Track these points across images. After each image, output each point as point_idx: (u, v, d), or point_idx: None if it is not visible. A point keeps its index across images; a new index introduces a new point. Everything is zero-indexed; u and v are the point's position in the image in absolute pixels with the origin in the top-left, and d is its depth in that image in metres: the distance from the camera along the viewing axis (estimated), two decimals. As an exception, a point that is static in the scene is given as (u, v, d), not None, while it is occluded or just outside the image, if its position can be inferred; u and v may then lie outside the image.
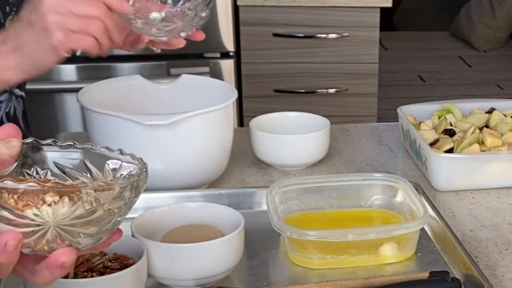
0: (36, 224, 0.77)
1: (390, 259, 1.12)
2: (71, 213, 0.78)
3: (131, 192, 0.82)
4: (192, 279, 1.05)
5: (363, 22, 2.68)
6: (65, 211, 0.77)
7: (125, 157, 0.88)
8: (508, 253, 1.17)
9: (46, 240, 0.78)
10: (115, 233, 0.85)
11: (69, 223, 0.78)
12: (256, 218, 1.22)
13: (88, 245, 0.82)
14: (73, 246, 0.80)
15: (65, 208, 0.77)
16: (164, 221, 1.12)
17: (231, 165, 1.39)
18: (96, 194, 0.79)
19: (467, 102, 1.55)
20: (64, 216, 0.77)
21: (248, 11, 2.67)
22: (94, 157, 0.89)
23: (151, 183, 1.27)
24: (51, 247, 0.79)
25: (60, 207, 0.77)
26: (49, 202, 0.77)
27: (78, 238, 0.80)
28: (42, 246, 0.79)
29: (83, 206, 0.78)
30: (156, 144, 1.25)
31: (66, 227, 0.78)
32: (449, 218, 1.25)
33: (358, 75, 2.70)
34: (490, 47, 4.67)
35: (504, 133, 1.42)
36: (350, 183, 1.23)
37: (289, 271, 1.12)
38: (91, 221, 0.79)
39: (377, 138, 1.58)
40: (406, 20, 5.35)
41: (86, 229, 0.80)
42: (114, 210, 0.81)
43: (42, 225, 0.77)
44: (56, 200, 0.77)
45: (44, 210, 0.76)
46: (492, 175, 1.36)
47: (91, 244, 0.82)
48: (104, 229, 0.82)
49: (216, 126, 1.30)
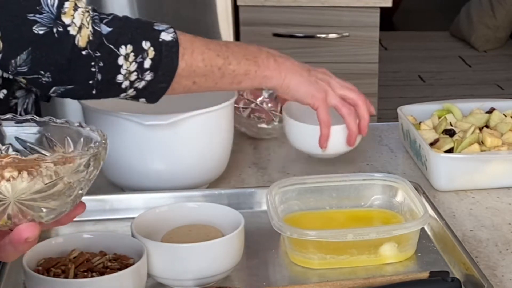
0: None
1: (390, 259, 1.12)
2: (31, 188, 0.77)
3: (91, 165, 0.81)
4: (192, 279, 1.05)
5: (363, 22, 2.68)
6: (24, 186, 0.77)
7: (85, 130, 0.88)
8: (508, 253, 1.17)
9: (8, 215, 0.78)
10: (78, 206, 0.85)
11: (30, 197, 0.78)
12: (256, 218, 1.22)
13: (51, 219, 0.81)
14: (35, 220, 0.80)
15: (24, 183, 0.77)
16: (164, 221, 1.12)
17: (231, 165, 1.39)
18: (56, 167, 0.78)
19: (467, 102, 1.55)
20: (23, 191, 0.77)
21: (248, 11, 2.67)
22: (54, 130, 0.89)
23: (151, 183, 1.28)
24: (14, 222, 0.79)
25: (19, 182, 0.77)
26: (8, 178, 0.76)
27: (39, 212, 0.79)
28: (4, 221, 0.79)
29: (42, 180, 0.77)
30: (156, 144, 1.25)
31: (27, 201, 0.78)
32: (449, 218, 1.25)
33: (358, 75, 2.69)
34: (490, 47, 4.67)
35: (504, 133, 1.42)
36: (350, 183, 1.23)
37: (289, 271, 1.12)
38: (52, 195, 0.79)
39: (377, 138, 1.58)
40: (406, 20, 5.35)
41: (47, 203, 0.79)
42: (74, 183, 0.80)
43: (2, 201, 0.77)
44: (14, 176, 0.76)
45: (3, 185, 0.76)
46: (492, 175, 1.36)
47: (53, 218, 0.81)
48: (66, 203, 0.81)
49: (216, 126, 1.30)
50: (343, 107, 1.33)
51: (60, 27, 1.07)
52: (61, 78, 1.10)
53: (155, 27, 1.15)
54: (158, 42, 1.14)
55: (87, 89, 1.12)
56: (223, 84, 1.23)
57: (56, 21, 1.07)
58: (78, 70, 1.09)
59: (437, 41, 4.80)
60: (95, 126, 1.28)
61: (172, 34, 1.16)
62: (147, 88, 1.15)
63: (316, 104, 1.30)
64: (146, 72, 1.14)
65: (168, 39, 1.15)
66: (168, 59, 1.15)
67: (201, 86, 1.21)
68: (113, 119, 1.25)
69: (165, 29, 1.16)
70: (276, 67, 1.27)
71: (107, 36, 1.10)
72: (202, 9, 2.69)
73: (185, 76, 1.18)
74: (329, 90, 1.32)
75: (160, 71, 1.15)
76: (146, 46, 1.13)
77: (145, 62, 1.13)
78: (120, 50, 1.11)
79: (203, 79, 1.20)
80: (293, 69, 1.29)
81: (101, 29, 1.10)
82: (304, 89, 1.29)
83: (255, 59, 1.25)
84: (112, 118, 1.25)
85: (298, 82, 1.29)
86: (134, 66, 1.12)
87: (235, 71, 1.22)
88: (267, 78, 1.26)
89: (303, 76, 1.29)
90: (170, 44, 1.15)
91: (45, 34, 1.06)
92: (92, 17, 1.10)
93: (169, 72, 1.16)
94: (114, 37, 1.11)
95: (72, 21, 1.08)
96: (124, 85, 1.13)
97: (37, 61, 1.08)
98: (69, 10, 1.08)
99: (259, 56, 1.26)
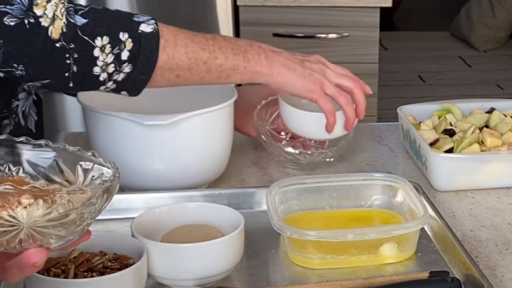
0: (11, 225, 0.77)
1: (390, 259, 1.12)
2: (45, 216, 0.78)
3: (103, 197, 0.83)
4: (192, 279, 1.05)
5: (363, 22, 2.68)
6: (39, 214, 0.78)
7: (97, 159, 0.89)
8: (508, 253, 1.17)
9: (19, 239, 0.79)
10: (84, 234, 0.86)
11: (43, 225, 0.79)
12: (256, 218, 1.22)
13: (58, 246, 0.83)
14: (44, 246, 0.81)
15: (40, 210, 0.78)
16: (164, 221, 1.12)
17: (231, 165, 1.39)
18: (70, 197, 0.79)
19: (467, 102, 1.55)
20: (38, 218, 0.78)
21: (248, 11, 2.67)
22: (67, 157, 0.90)
23: (151, 183, 1.28)
24: (23, 246, 0.80)
25: (34, 209, 0.78)
26: (25, 205, 0.78)
27: (49, 239, 0.81)
28: (15, 245, 0.80)
29: (57, 209, 0.79)
30: (156, 144, 1.25)
31: (39, 228, 0.79)
32: (449, 218, 1.25)
33: (358, 75, 2.66)
34: (490, 47, 4.67)
35: (504, 133, 1.42)
36: (350, 183, 1.23)
37: (289, 271, 1.12)
38: (64, 223, 0.81)
39: (377, 138, 1.58)
40: (406, 20, 5.35)
41: (58, 231, 0.81)
42: (86, 214, 0.82)
43: (16, 226, 0.78)
44: (31, 203, 0.78)
45: (19, 212, 0.78)
46: (492, 175, 1.36)
47: (61, 245, 0.83)
48: (75, 231, 0.83)
49: (216, 126, 1.30)
50: (340, 96, 1.31)
51: (31, 18, 1.05)
52: (35, 71, 1.08)
53: (134, 18, 1.14)
54: (137, 34, 1.12)
55: (64, 82, 1.10)
56: (210, 79, 1.21)
57: (27, 12, 1.05)
58: (53, 62, 1.08)
59: (437, 41, 4.80)
60: (95, 126, 1.29)
61: (152, 26, 1.14)
62: (127, 80, 1.14)
63: (314, 97, 1.29)
64: (124, 64, 1.12)
65: (148, 31, 1.13)
66: (148, 51, 1.13)
67: (186, 80, 1.19)
68: (113, 119, 1.25)
69: (145, 21, 1.14)
70: (267, 64, 1.25)
71: (82, 27, 1.08)
72: (202, 9, 2.69)
73: (167, 69, 1.16)
74: (325, 81, 1.30)
75: (140, 62, 1.13)
76: (124, 37, 1.11)
77: (122, 54, 1.11)
78: (95, 41, 1.09)
79: (187, 73, 1.18)
80: (286, 64, 1.27)
81: (75, 21, 1.08)
82: (299, 84, 1.28)
83: (244, 53, 1.23)
84: (112, 118, 1.25)
85: (292, 78, 1.27)
86: (111, 57, 1.10)
87: (222, 65, 1.20)
88: (258, 74, 1.24)
89: (296, 71, 1.28)
90: (150, 35, 1.13)
91: (16, 25, 1.05)
92: (66, 9, 1.08)
93: (149, 64, 1.13)
94: (89, 28, 1.09)
95: (44, 12, 1.06)
96: (102, 77, 1.12)
97: (9, 53, 1.06)
98: (41, 2, 1.06)
99: (249, 51, 1.25)
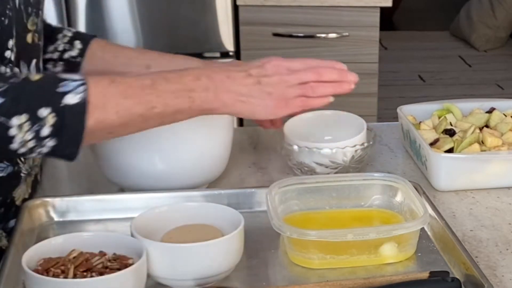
0: None
1: (390, 259, 1.12)
2: None
3: None
4: (192, 279, 1.05)
5: (363, 22, 2.68)
6: None
7: None
8: (508, 253, 1.17)
9: None
10: None
11: None
12: (256, 218, 1.22)
13: None
14: None
15: None
16: (164, 221, 1.12)
17: (231, 165, 1.39)
18: None
19: (467, 102, 1.55)
20: None
21: (248, 11, 2.67)
22: None
23: (151, 183, 1.28)
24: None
25: None
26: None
27: None
28: None
29: None
30: (156, 144, 1.25)
31: None
32: (449, 218, 1.25)
33: (358, 75, 2.69)
34: (490, 47, 4.67)
35: (504, 133, 1.42)
36: (350, 183, 1.23)
37: (289, 271, 1.12)
38: None
39: (377, 138, 1.58)
40: (406, 20, 5.35)
41: None
42: None
43: None
44: None
45: None
46: (492, 175, 1.36)
47: None
48: None
49: (216, 126, 1.30)
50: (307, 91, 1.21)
51: None
52: None
53: (59, 89, 1.07)
54: (60, 108, 1.06)
55: None
56: (150, 126, 1.16)
57: None
58: None
59: (437, 41, 4.80)
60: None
61: (80, 95, 1.07)
62: (54, 153, 1.09)
63: (282, 114, 1.21)
64: (46, 139, 1.07)
65: (73, 102, 1.07)
66: (73, 123, 1.07)
67: (122, 134, 1.16)
68: (113, 119, 1.25)
69: (72, 90, 1.07)
70: (215, 98, 1.16)
71: None
72: (202, 9, 2.69)
73: (98, 130, 1.10)
74: (286, 91, 1.19)
75: (65, 136, 1.08)
76: (45, 113, 1.06)
77: (42, 131, 1.06)
78: (12, 121, 1.05)
79: (121, 129, 1.13)
80: (240, 92, 1.17)
81: None
82: (260, 110, 1.18)
83: (189, 93, 1.14)
84: (112, 118, 1.25)
85: (251, 107, 1.18)
86: (30, 135, 1.06)
87: (162, 113, 1.13)
88: (207, 111, 1.17)
89: (253, 96, 1.17)
90: (75, 107, 1.07)
91: None
92: None
93: (75, 136, 1.08)
94: (5, 108, 1.05)
95: None
96: (22, 151, 1.08)
97: None
98: None
99: (195, 88, 1.15)
